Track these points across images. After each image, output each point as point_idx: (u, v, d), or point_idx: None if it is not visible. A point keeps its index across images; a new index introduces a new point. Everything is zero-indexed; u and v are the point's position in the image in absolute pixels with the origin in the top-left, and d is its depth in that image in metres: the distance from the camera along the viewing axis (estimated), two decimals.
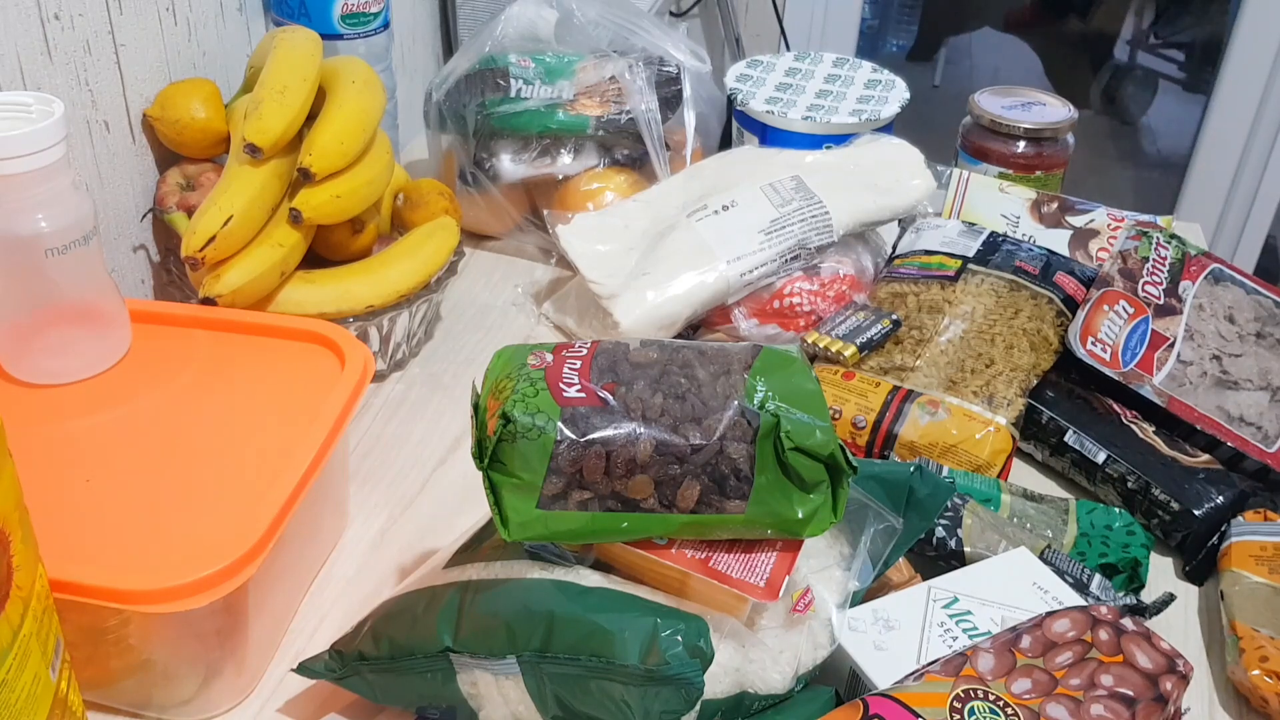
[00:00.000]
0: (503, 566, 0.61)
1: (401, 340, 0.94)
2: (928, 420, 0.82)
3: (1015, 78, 2.34)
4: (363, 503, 0.82)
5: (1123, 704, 0.56)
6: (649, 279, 0.93)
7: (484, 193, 1.08)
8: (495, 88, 1.05)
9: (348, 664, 0.62)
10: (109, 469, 0.65)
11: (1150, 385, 0.82)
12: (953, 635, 0.64)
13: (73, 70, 0.84)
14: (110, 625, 0.60)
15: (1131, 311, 0.85)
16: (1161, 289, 0.87)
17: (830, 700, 0.61)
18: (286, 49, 0.88)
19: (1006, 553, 0.70)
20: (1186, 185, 2.49)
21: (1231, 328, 0.85)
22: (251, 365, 0.75)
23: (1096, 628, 0.61)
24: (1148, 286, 0.86)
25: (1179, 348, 0.84)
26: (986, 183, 1.09)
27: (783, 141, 1.11)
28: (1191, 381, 0.81)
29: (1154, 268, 0.88)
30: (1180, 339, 0.84)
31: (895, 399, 0.84)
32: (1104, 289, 0.87)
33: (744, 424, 0.57)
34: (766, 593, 0.57)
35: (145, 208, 0.94)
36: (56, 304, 0.72)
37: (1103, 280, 0.88)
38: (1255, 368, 0.84)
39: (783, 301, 0.96)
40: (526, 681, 0.57)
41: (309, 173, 0.83)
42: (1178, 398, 0.82)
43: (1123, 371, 0.83)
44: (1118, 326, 0.84)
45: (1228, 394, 0.81)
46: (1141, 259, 0.88)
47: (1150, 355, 0.83)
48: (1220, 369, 0.81)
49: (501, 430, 0.56)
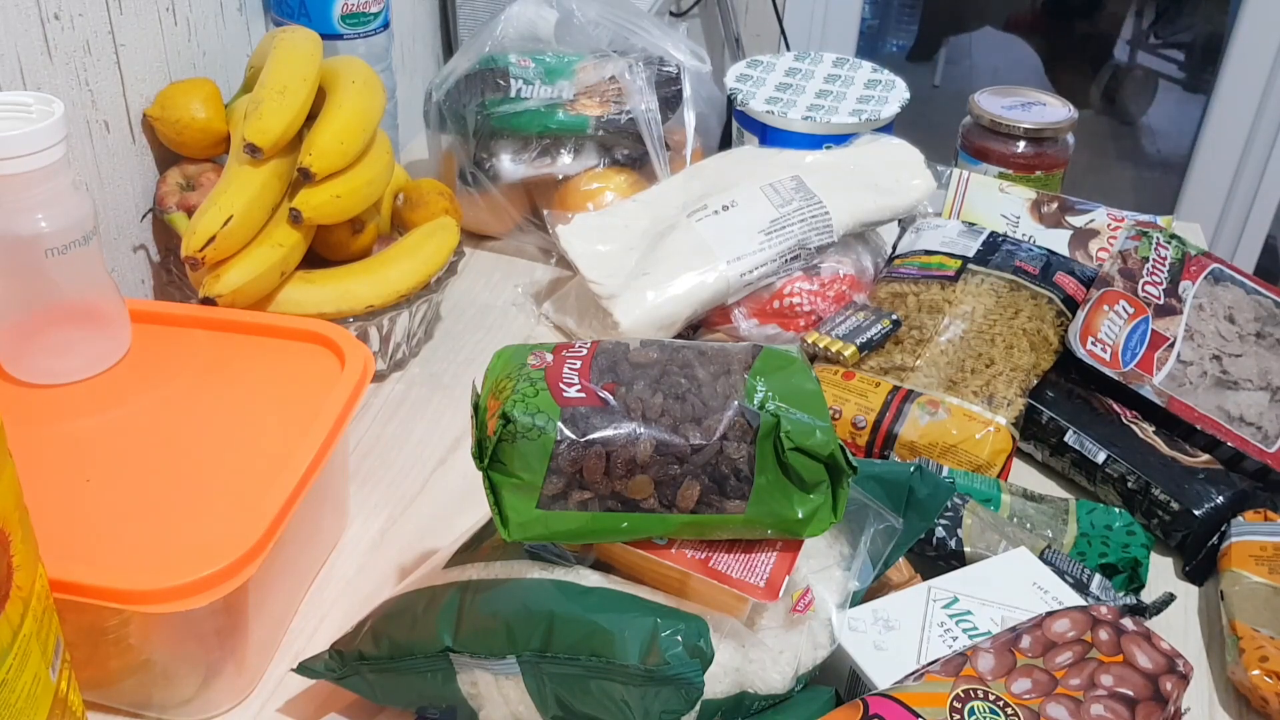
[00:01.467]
0: (503, 566, 0.61)
1: (401, 340, 0.94)
2: (928, 420, 0.81)
3: (1015, 78, 2.34)
4: (363, 503, 0.82)
5: (1123, 704, 0.56)
6: (649, 279, 0.93)
7: (484, 193, 1.08)
8: (495, 88, 1.05)
9: (348, 664, 0.62)
10: (109, 469, 0.65)
11: (1150, 385, 0.82)
12: (953, 635, 0.64)
13: (73, 70, 0.84)
14: (110, 625, 0.60)
15: (1131, 311, 0.85)
16: (1161, 289, 0.87)
17: (830, 700, 0.61)
18: (286, 49, 0.88)
19: (1006, 553, 0.70)
20: (1186, 185, 2.49)
21: (1231, 328, 0.85)
22: (251, 365, 0.75)
23: (1096, 628, 0.61)
24: (1148, 286, 0.86)
25: (1179, 348, 0.84)
26: (986, 183, 1.09)
27: (783, 141, 1.11)
28: (1191, 381, 0.81)
29: (1154, 267, 0.88)
30: (1180, 339, 0.84)
31: (895, 399, 0.84)
32: (1104, 289, 0.87)
33: (744, 424, 0.57)
34: (766, 593, 0.57)
35: (145, 208, 0.94)
36: (56, 304, 0.72)
37: (1103, 280, 0.88)
38: (1255, 368, 0.84)
39: (783, 301, 0.96)
40: (526, 681, 0.57)
41: (309, 173, 0.83)
42: (1178, 398, 0.82)
43: (1123, 371, 0.83)
44: (1118, 326, 0.84)
45: (1228, 394, 0.81)
46: (1141, 259, 0.88)
47: (1150, 355, 0.83)
48: (1220, 369, 0.81)
49: (501, 430, 0.56)
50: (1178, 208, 2.51)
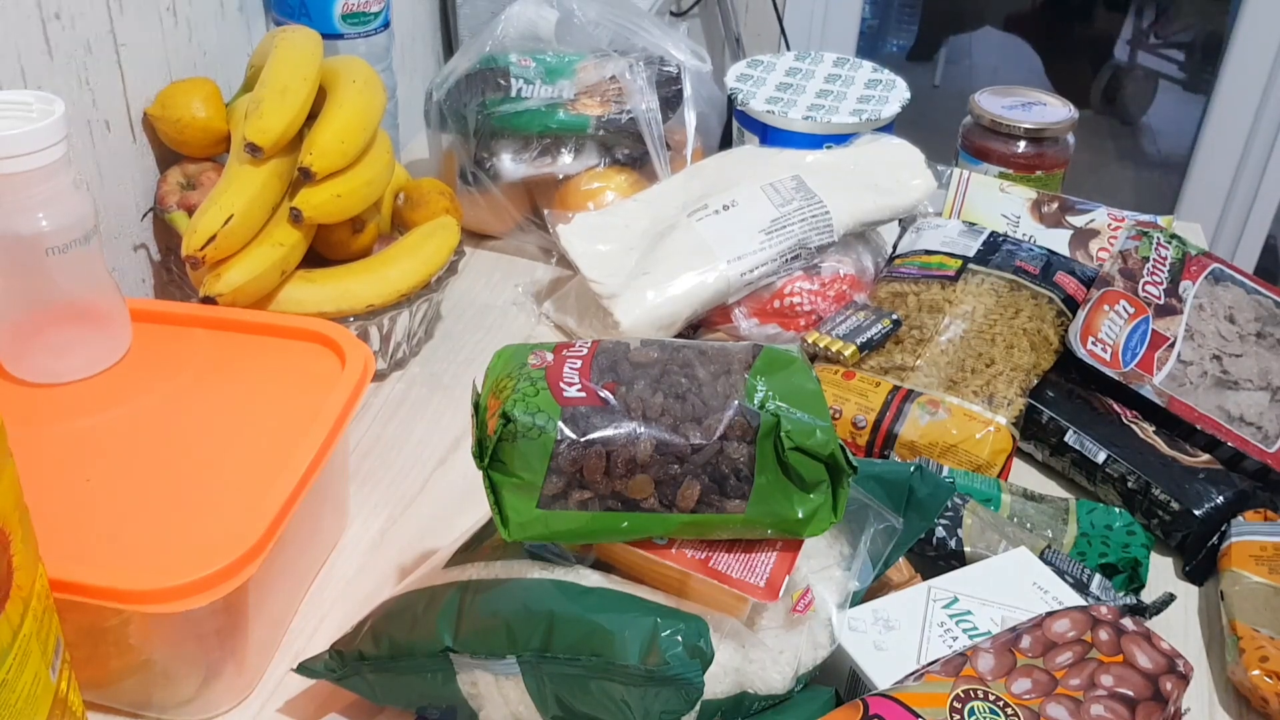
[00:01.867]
0: (503, 566, 0.61)
1: (402, 340, 0.94)
2: (928, 420, 0.81)
3: (1015, 78, 2.34)
4: (363, 503, 0.82)
5: (1123, 704, 0.56)
6: (649, 279, 0.93)
7: (484, 192, 1.08)
8: (496, 87, 1.05)
9: (348, 664, 0.62)
10: (109, 469, 0.65)
11: (1151, 385, 0.82)
12: (953, 635, 0.64)
13: (73, 70, 0.84)
14: (110, 625, 0.60)
15: (1132, 311, 0.85)
16: (1162, 289, 0.87)
17: (830, 700, 0.61)
18: (287, 48, 0.88)
19: (1006, 553, 0.70)
20: (1186, 185, 2.49)
21: (1232, 328, 0.85)
22: (251, 365, 0.75)
23: (1096, 628, 0.61)
24: (1148, 286, 0.86)
25: (1179, 347, 0.84)
26: (987, 183, 1.09)
27: (783, 141, 1.11)
28: (1192, 381, 0.81)
29: (1154, 267, 0.88)
30: (1181, 339, 0.85)
31: (895, 399, 0.84)
32: (1104, 289, 0.87)
33: (744, 424, 0.57)
34: (766, 593, 0.57)
35: (146, 207, 0.94)
36: (57, 303, 0.72)
37: (1103, 280, 0.88)
38: (1255, 368, 0.84)
39: (783, 301, 0.96)
40: (526, 681, 0.57)
41: (309, 172, 0.83)
42: (1178, 398, 0.82)
43: (1123, 371, 0.83)
44: (1118, 326, 0.84)
45: (1228, 394, 0.81)
46: (1142, 259, 0.88)
47: (1151, 355, 0.83)
48: (1220, 369, 0.81)
49: (502, 430, 0.56)
50: (1178, 208, 2.51)
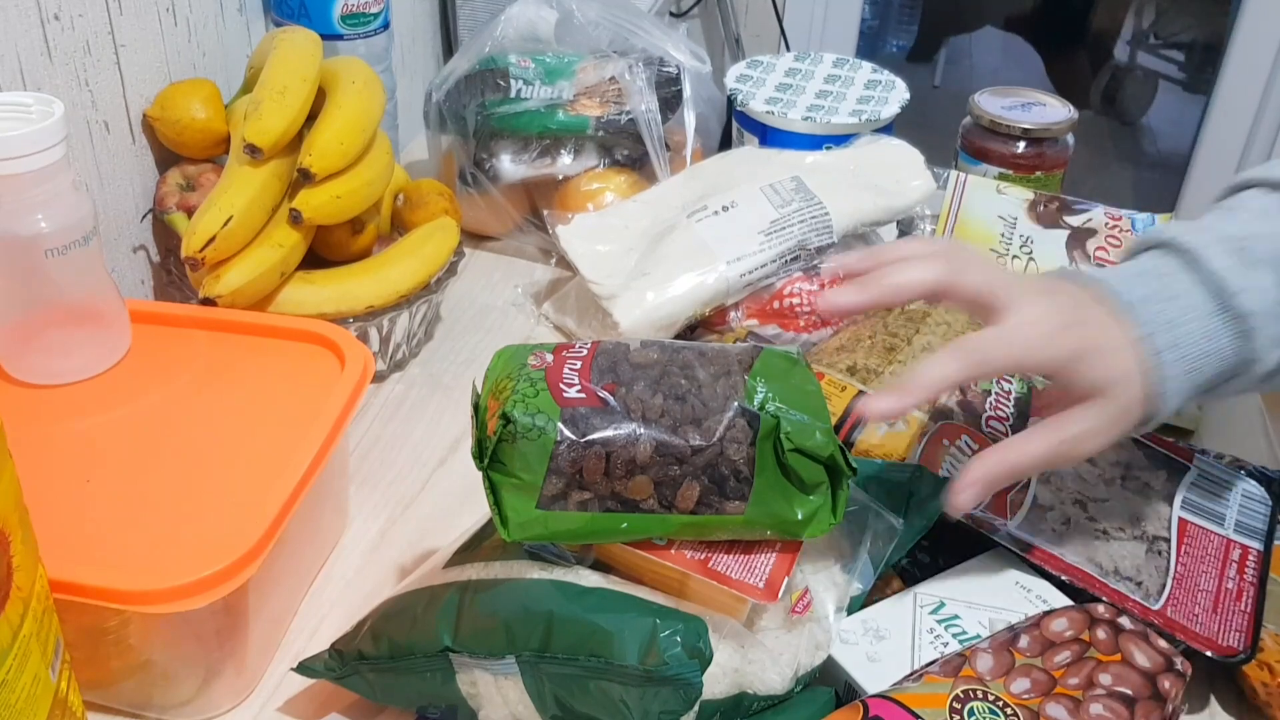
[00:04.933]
0: (502, 566, 0.61)
1: (401, 340, 0.94)
2: (886, 430, 0.80)
3: (1015, 78, 2.33)
4: (363, 503, 0.82)
5: (1121, 703, 0.56)
6: (649, 279, 0.93)
7: (484, 193, 1.08)
8: (495, 88, 1.05)
9: (348, 663, 0.62)
10: (109, 469, 0.66)
11: (1007, 531, 0.70)
12: (943, 641, 0.64)
13: (73, 71, 0.84)
14: (110, 625, 0.60)
15: (975, 448, 0.75)
16: (1008, 425, 0.77)
17: (830, 701, 0.61)
18: (286, 49, 0.88)
19: (984, 554, 0.70)
20: (1186, 185, 2.49)
21: (1093, 469, 0.75)
22: (251, 366, 0.75)
23: (1094, 627, 0.61)
24: (992, 421, 0.77)
25: (1034, 490, 0.73)
26: (983, 184, 1.09)
27: (783, 142, 1.11)
28: (1055, 529, 0.70)
29: (998, 401, 0.79)
30: (1035, 480, 0.73)
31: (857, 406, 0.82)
32: (941, 422, 0.78)
33: (744, 425, 0.57)
34: (766, 594, 0.57)
35: (145, 208, 0.94)
36: (56, 304, 0.72)
37: (940, 413, 0.79)
38: (1125, 513, 0.72)
39: (782, 302, 0.96)
40: (525, 681, 0.57)
41: (309, 173, 0.83)
42: (1041, 546, 0.70)
43: (973, 515, 0.70)
44: (961, 464, 0.72)
45: (1098, 545, 0.70)
46: (983, 392, 0.80)
47: (1004, 497, 0.72)
48: (1086, 515, 0.72)
49: (501, 430, 0.56)
50: (1178, 208, 2.51)
